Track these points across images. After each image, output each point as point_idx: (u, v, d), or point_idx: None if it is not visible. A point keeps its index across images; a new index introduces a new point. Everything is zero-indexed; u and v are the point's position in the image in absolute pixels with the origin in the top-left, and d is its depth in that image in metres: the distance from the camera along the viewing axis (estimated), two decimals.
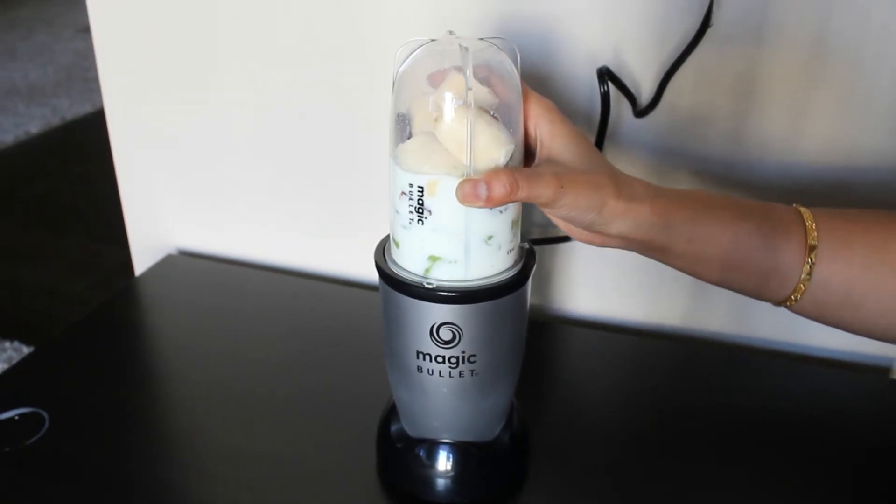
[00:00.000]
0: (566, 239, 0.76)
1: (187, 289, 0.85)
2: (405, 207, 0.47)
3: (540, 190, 0.44)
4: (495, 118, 0.47)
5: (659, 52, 0.67)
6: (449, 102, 0.45)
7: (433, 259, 0.48)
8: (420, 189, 0.46)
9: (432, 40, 0.47)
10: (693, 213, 0.47)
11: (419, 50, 0.46)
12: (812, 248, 0.47)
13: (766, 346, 0.78)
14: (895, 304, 0.46)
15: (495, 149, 0.46)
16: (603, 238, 0.48)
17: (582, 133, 0.48)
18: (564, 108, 0.72)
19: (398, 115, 0.48)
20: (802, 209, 0.49)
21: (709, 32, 0.64)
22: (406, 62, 0.46)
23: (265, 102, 0.81)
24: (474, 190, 0.44)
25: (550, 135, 0.48)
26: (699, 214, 0.47)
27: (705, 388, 0.71)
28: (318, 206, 0.84)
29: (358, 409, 0.65)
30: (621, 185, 0.46)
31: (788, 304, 0.49)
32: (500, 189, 0.44)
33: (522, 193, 0.44)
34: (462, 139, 0.45)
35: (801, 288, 0.47)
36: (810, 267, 0.47)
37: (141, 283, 0.86)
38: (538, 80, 0.70)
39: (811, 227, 0.47)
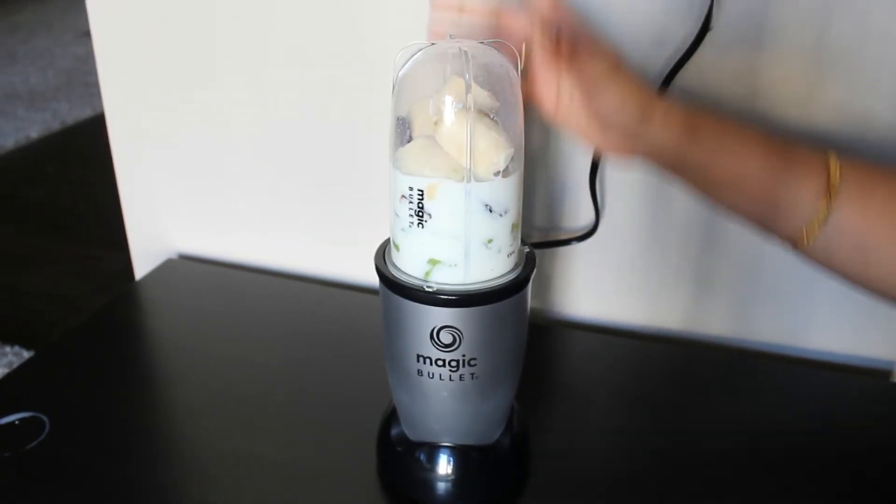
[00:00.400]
0: (566, 242, 0.76)
1: (187, 293, 0.85)
2: (405, 211, 0.47)
3: (599, 57, 0.44)
4: (495, 122, 0.47)
5: (659, 56, 0.67)
6: (449, 106, 0.45)
7: (433, 262, 0.48)
8: (420, 192, 0.46)
9: (432, 43, 0.47)
10: (722, 134, 0.47)
11: (419, 53, 0.46)
12: (833, 191, 0.46)
13: (766, 349, 0.78)
14: None
15: (495, 152, 0.46)
16: (630, 145, 0.48)
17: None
18: None
19: (398, 118, 0.48)
20: (830, 152, 0.48)
21: (708, 36, 0.64)
22: (406, 66, 0.46)
23: (265, 106, 0.81)
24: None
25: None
26: (728, 137, 0.47)
27: (706, 391, 0.71)
28: (319, 209, 0.85)
29: (358, 413, 0.65)
30: (658, 94, 0.47)
31: (799, 243, 0.48)
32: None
33: (585, 43, 0.44)
34: (462, 143, 0.45)
35: (814, 229, 0.47)
36: (828, 208, 0.46)
37: (141, 288, 0.86)
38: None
39: (835, 170, 0.47)
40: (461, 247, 0.47)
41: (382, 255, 0.52)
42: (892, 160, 0.66)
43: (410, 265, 0.49)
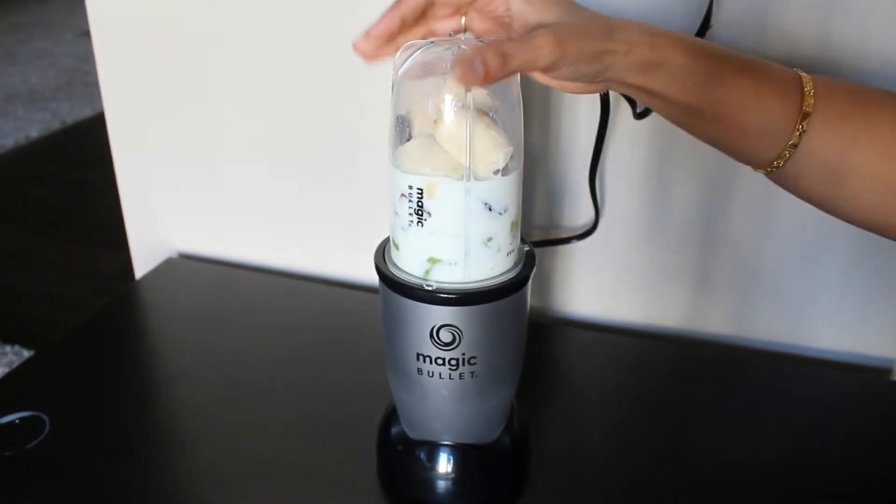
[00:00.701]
0: (566, 241, 0.76)
1: (187, 292, 0.85)
2: (404, 209, 0.47)
3: (538, 52, 0.41)
4: (494, 120, 0.47)
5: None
6: (448, 105, 0.45)
7: (433, 261, 0.48)
8: (419, 191, 0.46)
9: (431, 42, 0.47)
10: (690, 59, 0.44)
11: (418, 52, 0.46)
12: (805, 115, 0.44)
13: (766, 347, 0.78)
14: (876, 186, 0.45)
15: (494, 151, 0.46)
16: (598, 85, 0.46)
17: None
18: (564, 110, 0.72)
19: (398, 117, 0.48)
20: (803, 74, 0.46)
21: (709, 34, 0.64)
22: (405, 64, 0.46)
23: (265, 105, 0.81)
24: (471, 67, 0.40)
25: (526, 4, 0.44)
26: (696, 62, 0.44)
27: (705, 389, 0.70)
28: (319, 207, 0.85)
29: (358, 411, 0.65)
30: (615, 31, 0.43)
31: (770, 169, 0.47)
32: (493, 62, 0.40)
33: (517, 62, 0.40)
34: (461, 141, 0.45)
35: (785, 154, 0.45)
36: (800, 134, 0.44)
37: (141, 287, 0.86)
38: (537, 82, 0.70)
39: (809, 92, 0.45)
40: (461, 245, 0.47)
41: (382, 253, 0.52)
42: None
43: (410, 264, 0.49)
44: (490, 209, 0.47)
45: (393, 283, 0.49)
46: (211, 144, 0.85)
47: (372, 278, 0.51)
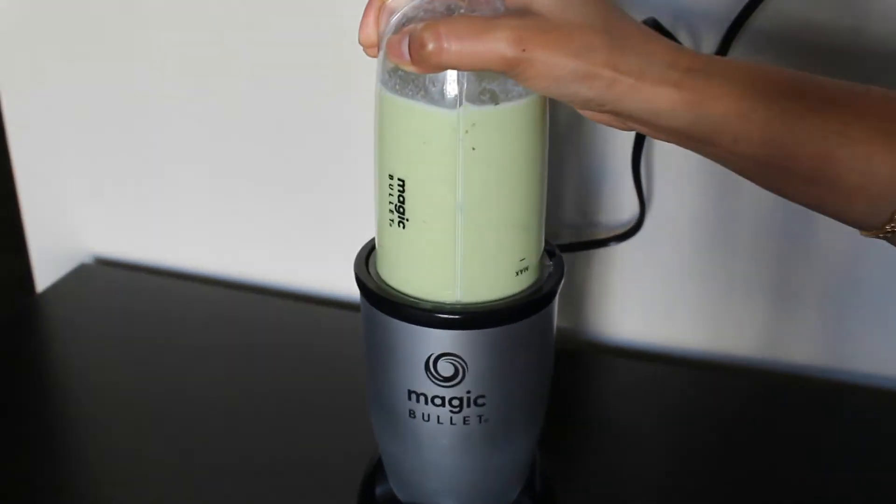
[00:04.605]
0: (603, 243, 0.76)
1: (106, 307, 0.85)
2: (385, 205, 0.48)
3: (486, 50, 0.40)
4: None
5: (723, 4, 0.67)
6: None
7: (426, 273, 0.48)
8: (401, 182, 0.46)
9: None
10: (745, 103, 0.41)
11: (407, 7, 0.47)
12: None
13: (866, 382, 0.78)
14: None
15: None
16: (621, 121, 0.45)
17: None
18: None
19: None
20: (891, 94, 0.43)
21: (747, 24, 0.65)
22: (394, 20, 0.47)
23: (200, 76, 0.82)
24: (399, 46, 0.41)
25: None
26: (755, 105, 0.41)
27: (789, 433, 0.71)
28: (282, 202, 0.85)
29: (333, 465, 0.65)
30: (625, 50, 0.41)
31: (881, 234, 0.44)
32: (424, 49, 0.40)
33: (453, 57, 0.40)
34: None
35: (888, 207, 0.42)
36: None
37: (45, 301, 0.86)
38: None
39: None
40: (454, 253, 0.47)
41: (366, 261, 0.52)
42: None
43: (398, 276, 0.49)
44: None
45: (378, 300, 0.49)
46: (135, 122, 0.85)
47: (351, 292, 0.51)
